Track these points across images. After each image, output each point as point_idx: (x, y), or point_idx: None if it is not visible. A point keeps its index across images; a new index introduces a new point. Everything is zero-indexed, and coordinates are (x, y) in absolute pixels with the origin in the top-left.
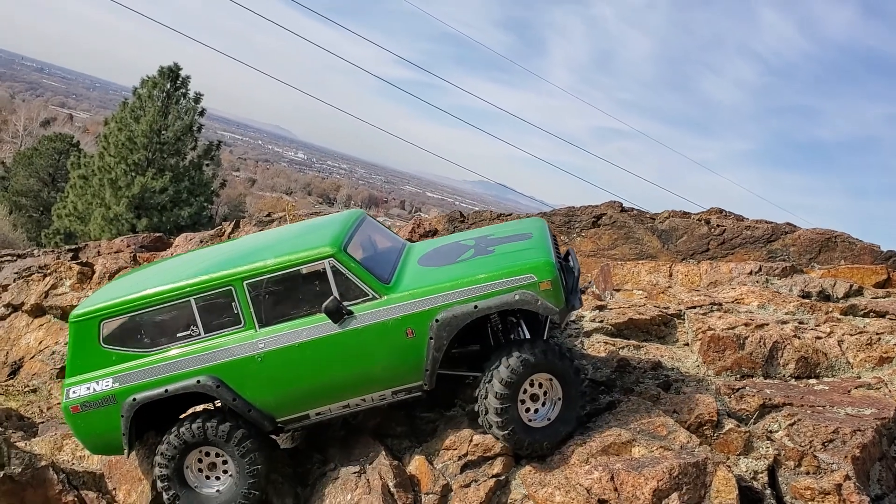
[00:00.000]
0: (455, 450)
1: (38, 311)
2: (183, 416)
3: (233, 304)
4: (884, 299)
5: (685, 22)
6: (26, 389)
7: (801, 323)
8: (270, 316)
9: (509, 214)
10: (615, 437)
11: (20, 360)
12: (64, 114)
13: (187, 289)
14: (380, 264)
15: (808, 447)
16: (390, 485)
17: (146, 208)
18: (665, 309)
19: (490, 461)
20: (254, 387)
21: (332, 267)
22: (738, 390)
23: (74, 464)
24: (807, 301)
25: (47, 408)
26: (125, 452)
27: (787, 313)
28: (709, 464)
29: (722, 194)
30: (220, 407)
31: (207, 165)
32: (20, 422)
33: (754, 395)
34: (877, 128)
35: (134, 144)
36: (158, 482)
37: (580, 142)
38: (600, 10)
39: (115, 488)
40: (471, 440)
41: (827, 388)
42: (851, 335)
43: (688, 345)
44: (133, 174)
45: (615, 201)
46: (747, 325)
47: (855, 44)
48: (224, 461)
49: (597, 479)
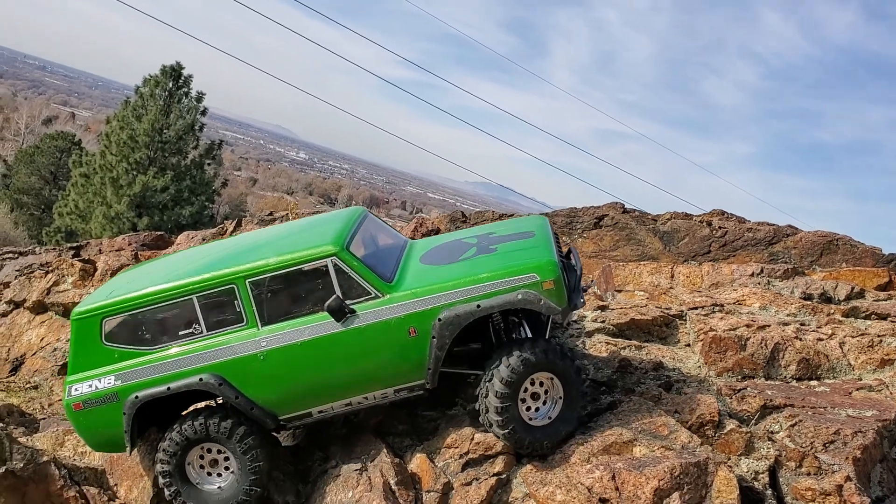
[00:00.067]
0: (456, 448)
1: (39, 307)
2: (185, 413)
3: (235, 302)
4: (885, 302)
5: (687, 24)
6: (28, 386)
7: (802, 325)
8: (273, 314)
9: (511, 215)
10: (616, 437)
11: (22, 356)
12: (66, 112)
13: (189, 287)
14: (382, 262)
15: (810, 448)
16: (391, 482)
17: (147, 207)
18: (667, 310)
19: (491, 459)
20: (256, 385)
21: (335, 265)
22: (740, 391)
23: (76, 460)
24: (808, 303)
25: (48, 404)
26: (127, 450)
27: (788, 315)
28: (710, 464)
29: (723, 197)
30: (222, 404)
31: (209, 164)
32: (21, 418)
33: (755, 396)
34: (878, 131)
35: (135, 143)
36: (160, 478)
37: (582, 144)
38: (604, 13)
39: (116, 484)
40: (472, 438)
41: (828, 389)
42: (853, 337)
43: (689, 346)
44: (134, 173)
45: (617, 202)
46: (749, 326)
47: (857, 46)
48: (226, 458)
49: (598, 478)
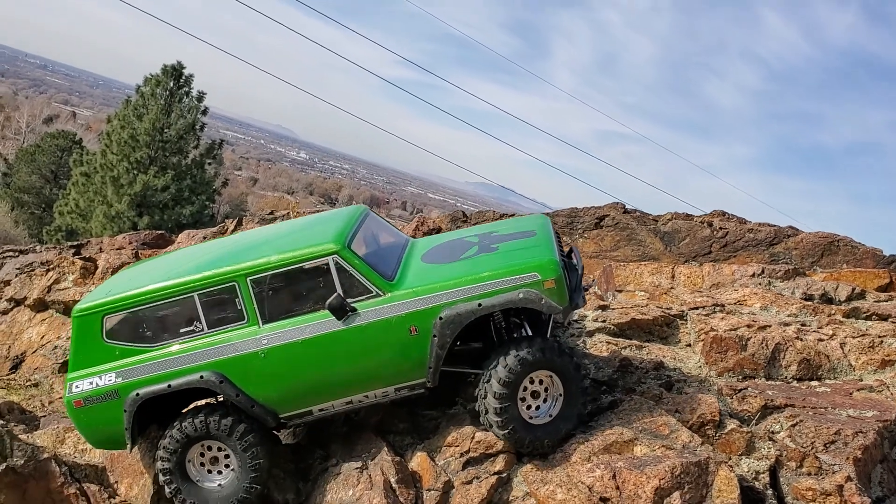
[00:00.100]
0: (457, 446)
1: (40, 305)
2: (185, 411)
3: (236, 300)
4: (886, 303)
5: (689, 26)
6: (28, 384)
7: (803, 325)
8: (274, 312)
9: (511, 215)
10: (617, 436)
11: (22, 354)
12: (67, 111)
13: (191, 284)
14: (383, 261)
15: (810, 448)
16: (392, 480)
17: (148, 206)
18: (667, 310)
19: (492, 458)
20: (257, 383)
21: (336, 264)
22: (741, 391)
23: (76, 457)
24: (809, 303)
25: (49, 402)
26: (128, 447)
27: (789, 315)
28: (711, 463)
29: (724, 199)
30: (222, 401)
31: (209, 164)
32: (22, 415)
33: (756, 396)
34: (880, 134)
35: (136, 142)
36: (160, 476)
37: (583, 145)
38: (605, 14)
39: (116, 482)
40: (473, 437)
41: (829, 390)
42: (854, 338)
43: (690, 345)
44: (135, 172)
45: (618, 203)
46: (750, 326)
47: (858, 49)
48: (226, 455)
49: (598, 477)
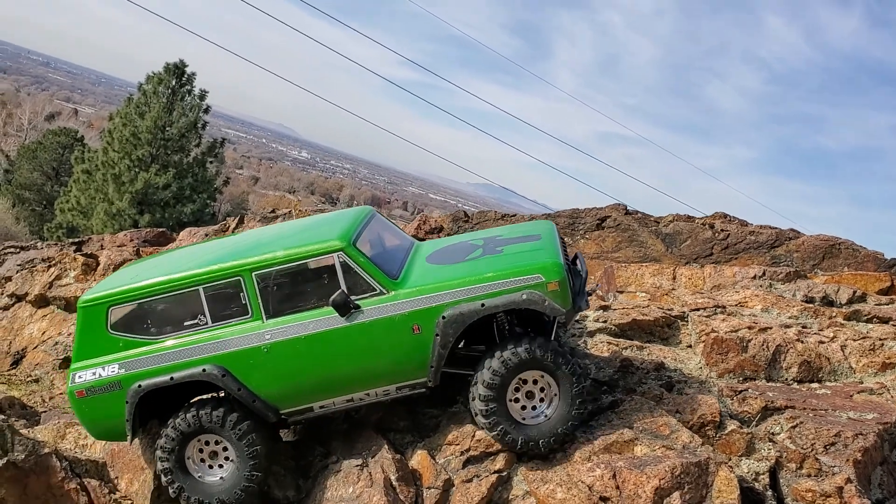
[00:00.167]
0: (457, 445)
1: (41, 301)
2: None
3: (241, 294)
4: (887, 306)
5: (691, 28)
6: (29, 379)
7: (804, 327)
8: (278, 307)
9: (513, 215)
10: (617, 436)
11: (23, 350)
12: (69, 108)
13: (196, 278)
14: (388, 260)
15: (810, 450)
16: (392, 478)
17: (149, 204)
18: (669, 311)
19: (492, 457)
20: (259, 377)
21: (341, 261)
22: (741, 392)
23: (77, 452)
24: (810, 306)
25: (49, 397)
26: (128, 438)
27: (790, 317)
28: (711, 464)
29: (725, 201)
30: (221, 396)
31: (211, 163)
32: (23, 410)
33: (757, 398)
34: (882, 137)
35: (138, 140)
36: (162, 476)
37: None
38: (607, 16)
39: (117, 477)
40: (473, 436)
41: (829, 392)
42: (854, 340)
43: (691, 346)
44: (136, 170)
45: (619, 204)
46: (751, 328)
47: (860, 52)
48: (224, 447)
49: (599, 476)
